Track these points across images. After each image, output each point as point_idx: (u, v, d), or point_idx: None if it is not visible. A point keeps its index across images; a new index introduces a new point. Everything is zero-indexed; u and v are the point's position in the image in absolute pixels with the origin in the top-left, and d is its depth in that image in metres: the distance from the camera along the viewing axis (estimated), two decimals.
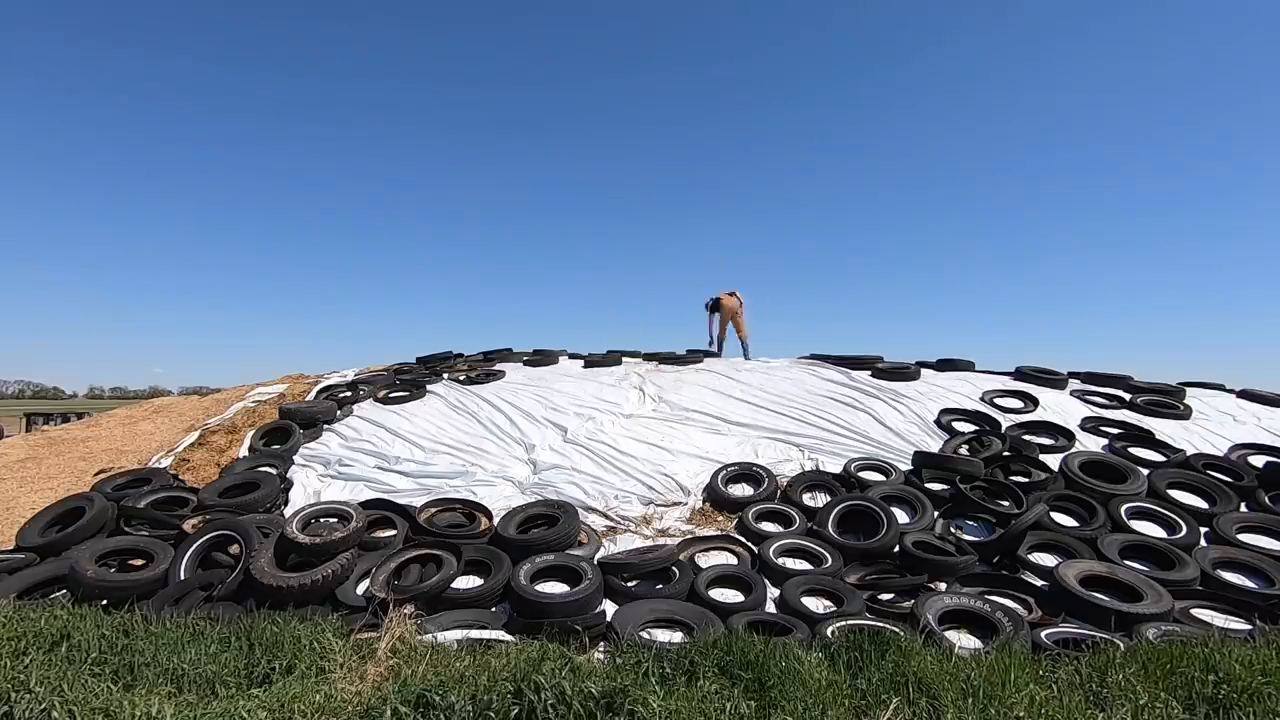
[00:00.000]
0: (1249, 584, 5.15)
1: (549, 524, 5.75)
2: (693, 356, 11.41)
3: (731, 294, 12.15)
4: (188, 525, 5.71)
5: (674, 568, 5.12)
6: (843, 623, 4.29)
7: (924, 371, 10.14)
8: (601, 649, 4.04)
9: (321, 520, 5.40)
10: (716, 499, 6.62)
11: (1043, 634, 4.14)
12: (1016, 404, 8.77)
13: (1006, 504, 6.02)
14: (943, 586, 5.01)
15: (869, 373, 10.17)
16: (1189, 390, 9.59)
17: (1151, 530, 5.89)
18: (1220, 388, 10.03)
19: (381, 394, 9.19)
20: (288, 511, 6.16)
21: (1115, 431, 7.87)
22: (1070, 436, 7.67)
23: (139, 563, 5.24)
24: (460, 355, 11.78)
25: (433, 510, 6.24)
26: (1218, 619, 4.57)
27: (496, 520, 5.98)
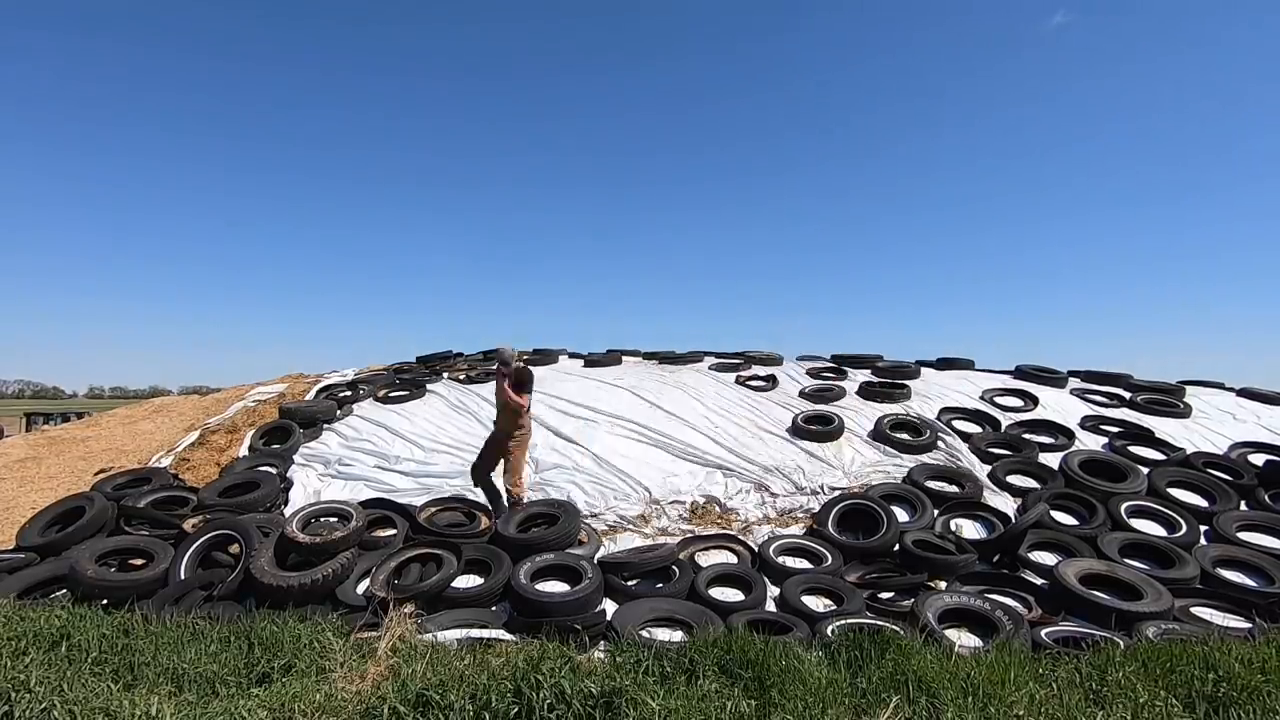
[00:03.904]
0: (1249, 582, 5.15)
1: (549, 523, 5.75)
2: (693, 356, 11.41)
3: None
4: (188, 525, 5.71)
5: (674, 566, 5.12)
6: (843, 621, 4.29)
7: (924, 370, 10.16)
8: (601, 648, 4.04)
9: (321, 520, 5.40)
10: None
11: (1042, 632, 4.15)
12: (1016, 403, 8.77)
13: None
14: (943, 585, 5.02)
15: (869, 371, 10.20)
16: (1189, 389, 9.59)
17: (1151, 529, 5.89)
18: (1220, 386, 10.04)
19: (381, 393, 9.19)
20: (288, 511, 6.16)
21: (1115, 430, 7.87)
22: (1070, 435, 7.68)
23: (139, 562, 5.25)
24: (460, 355, 11.78)
25: (433, 510, 6.24)
26: (1217, 617, 4.57)
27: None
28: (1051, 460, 7.04)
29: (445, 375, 10.09)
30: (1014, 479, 6.73)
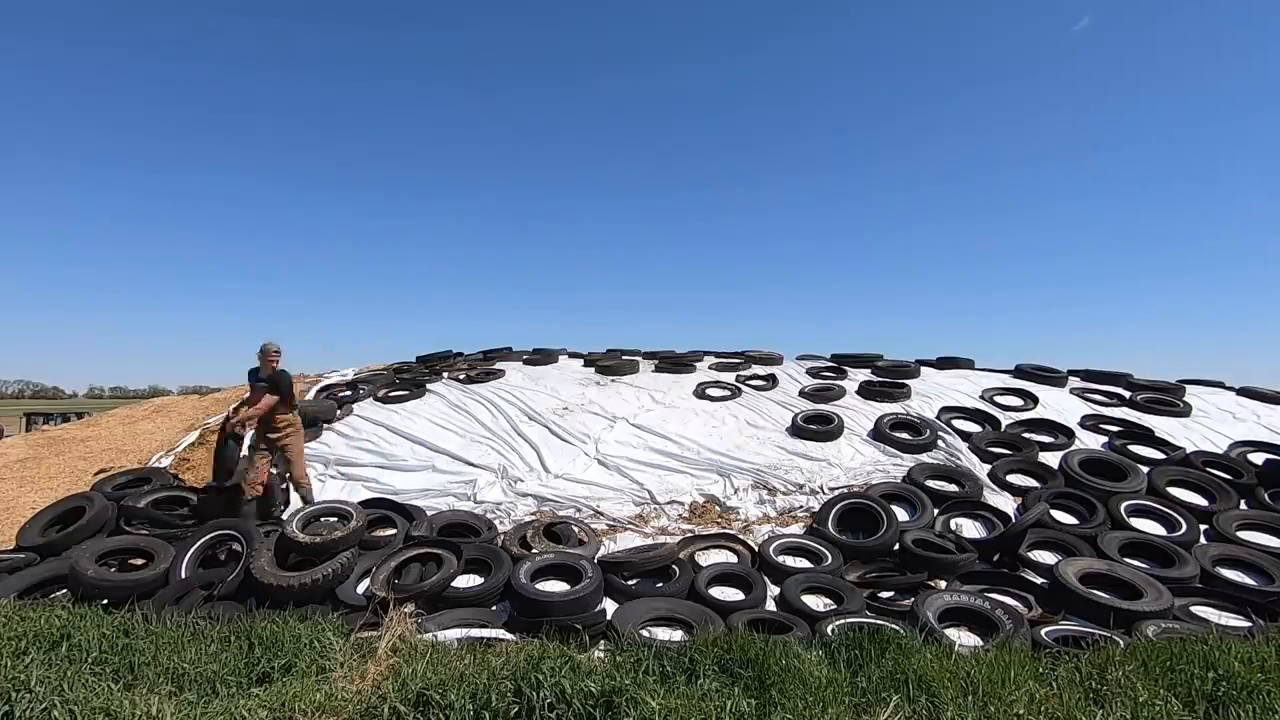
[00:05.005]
0: (1249, 581, 5.15)
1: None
2: (693, 355, 11.42)
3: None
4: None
5: (674, 566, 5.12)
6: (843, 621, 4.28)
7: (924, 370, 10.16)
8: (602, 647, 4.05)
9: (322, 519, 5.40)
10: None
11: (1042, 631, 4.15)
12: (1016, 402, 8.78)
13: None
14: (943, 584, 5.01)
15: (869, 370, 10.20)
16: (1188, 388, 9.60)
17: (1151, 528, 5.89)
18: (1220, 385, 10.04)
19: (381, 393, 9.18)
20: (288, 511, 6.15)
21: (1115, 429, 7.87)
22: (1070, 434, 7.68)
23: (139, 562, 5.25)
24: (460, 354, 11.77)
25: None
26: (1217, 616, 4.57)
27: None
28: (1051, 459, 7.04)
29: (445, 375, 10.09)
30: (1014, 478, 6.73)
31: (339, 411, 8.58)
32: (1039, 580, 5.06)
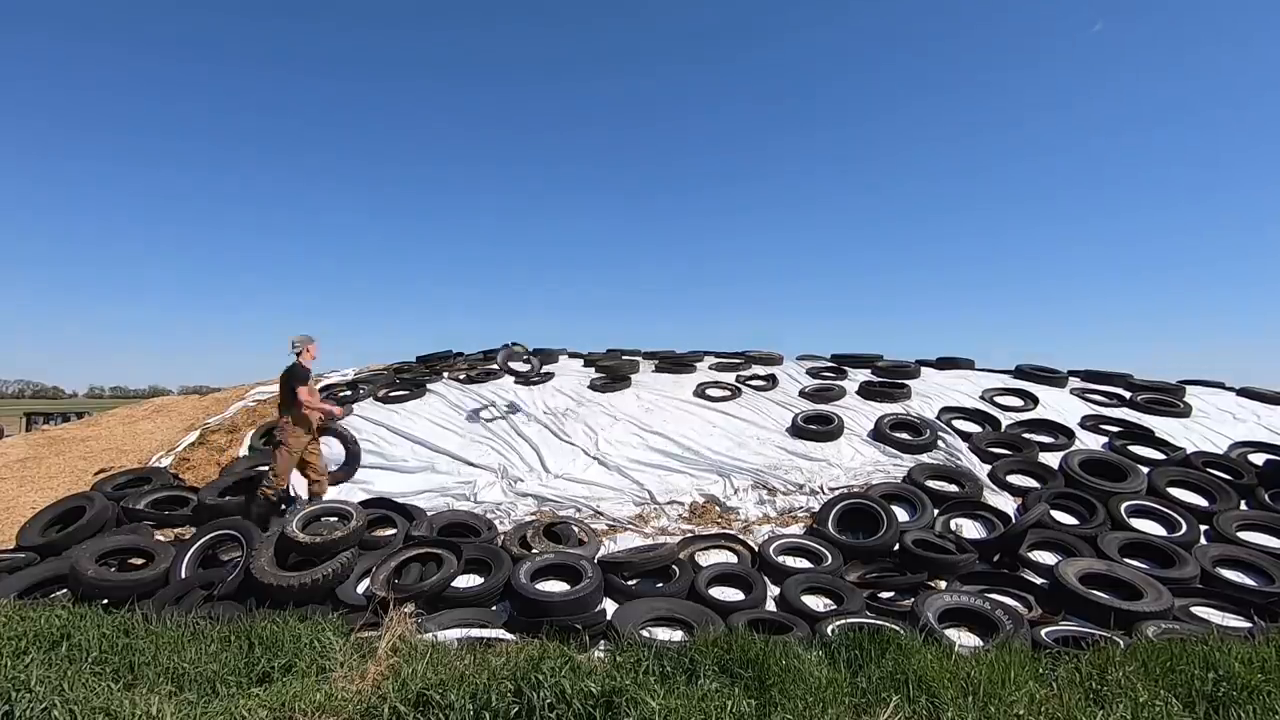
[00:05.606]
0: (1249, 582, 5.15)
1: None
2: (693, 355, 11.41)
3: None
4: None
5: (674, 566, 5.12)
6: (843, 621, 4.29)
7: (924, 370, 10.16)
8: (602, 647, 4.05)
9: (322, 519, 5.40)
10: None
11: (1042, 632, 4.15)
12: (1016, 402, 8.77)
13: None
14: (943, 585, 5.01)
15: (869, 371, 10.19)
16: (1189, 388, 9.59)
17: (1151, 528, 5.90)
18: (1220, 386, 10.04)
19: (381, 393, 9.17)
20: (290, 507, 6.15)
21: (1115, 429, 7.87)
22: (1070, 435, 7.68)
23: (139, 562, 5.25)
24: (460, 355, 11.77)
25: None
26: (1217, 617, 4.57)
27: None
28: (1051, 460, 7.04)
29: (445, 375, 10.08)
30: (1014, 478, 6.73)
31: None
32: (1039, 580, 5.06)
